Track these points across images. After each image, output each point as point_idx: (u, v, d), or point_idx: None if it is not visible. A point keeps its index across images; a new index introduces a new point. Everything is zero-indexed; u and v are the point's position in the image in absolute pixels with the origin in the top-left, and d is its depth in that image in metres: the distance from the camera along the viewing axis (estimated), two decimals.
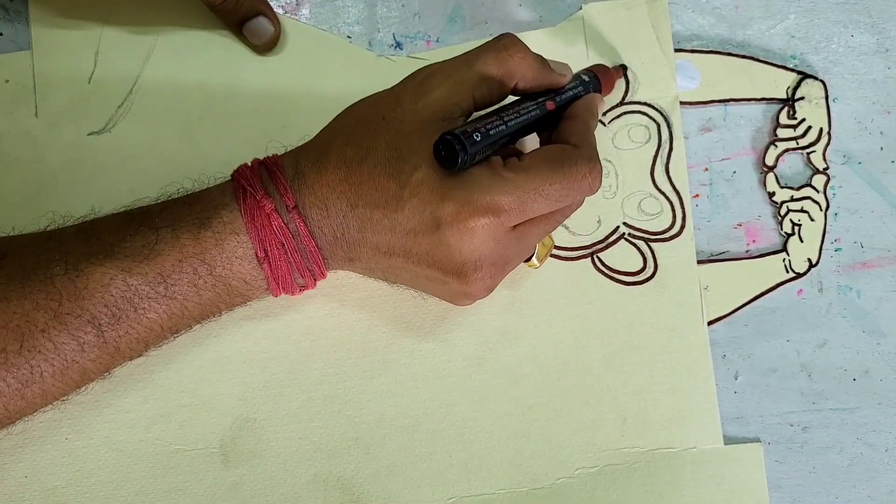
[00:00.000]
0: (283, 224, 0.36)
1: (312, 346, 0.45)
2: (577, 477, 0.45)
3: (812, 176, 0.47)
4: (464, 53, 0.38)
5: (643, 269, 0.46)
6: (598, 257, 0.46)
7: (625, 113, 0.46)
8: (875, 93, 0.47)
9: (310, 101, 0.46)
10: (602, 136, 0.46)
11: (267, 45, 0.45)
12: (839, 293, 0.47)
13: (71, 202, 0.45)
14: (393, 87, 0.39)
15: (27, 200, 0.45)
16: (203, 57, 0.46)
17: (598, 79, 0.43)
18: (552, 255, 0.46)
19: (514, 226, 0.37)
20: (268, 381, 0.44)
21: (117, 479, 0.43)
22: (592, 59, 0.46)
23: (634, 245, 0.46)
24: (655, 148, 0.46)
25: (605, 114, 0.46)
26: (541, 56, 0.39)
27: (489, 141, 0.36)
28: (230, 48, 0.46)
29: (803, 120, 0.47)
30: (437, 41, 0.47)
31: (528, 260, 0.42)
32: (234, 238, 0.37)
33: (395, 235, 0.36)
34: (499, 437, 0.45)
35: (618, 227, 0.46)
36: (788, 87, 0.47)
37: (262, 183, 0.37)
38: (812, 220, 0.47)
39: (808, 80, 0.47)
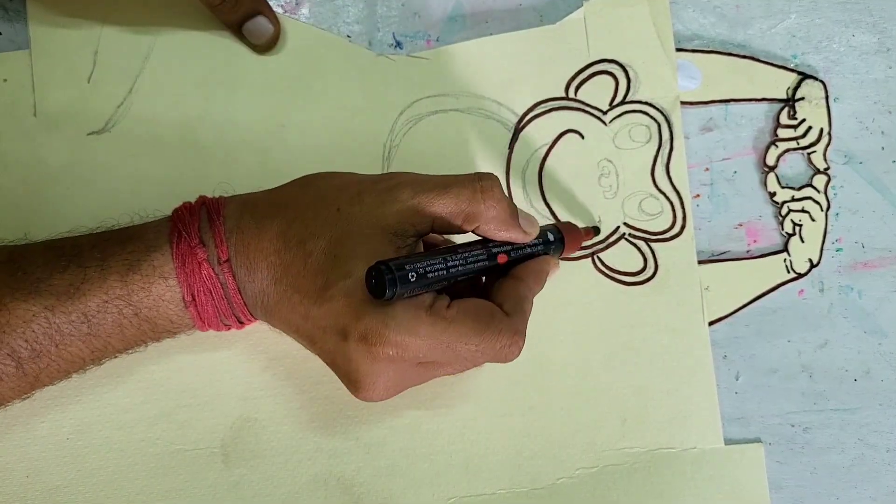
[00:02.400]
0: (213, 274, 0.36)
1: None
2: (578, 477, 0.45)
3: (813, 176, 0.47)
4: (441, 177, 0.37)
5: (644, 270, 0.46)
6: (598, 257, 0.46)
7: (626, 112, 0.46)
8: (876, 92, 0.47)
9: (309, 101, 0.46)
10: (603, 135, 0.46)
11: (266, 45, 0.45)
12: (840, 293, 0.47)
13: (70, 202, 0.45)
14: (363, 178, 0.38)
15: (26, 200, 0.45)
16: (202, 57, 0.46)
17: (563, 239, 0.41)
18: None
19: (421, 361, 0.36)
20: (268, 381, 0.44)
21: (118, 479, 0.43)
22: (593, 58, 0.46)
23: (635, 245, 0.46)
24: (656, 148, 0.46)
25: (605, 113, 0.46)
26: (513, 207, 0.38)
27: (423, 283, 0.34)
28: (230, 48, 0.46)
29: (804, 120, 0.47)
30: (438, 40, 0.47)
31: None
32: (162, 283, 0.36)
33: (307, 323, 0.36)
34: (499, 437, 0.45)
35: (618, 227, 0.46)
36: (788, 88, 0.47)
37: (198, 229, 0.37)
38: (813, 220, 0.47)
39: (808, 81, 0.47)
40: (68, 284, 0.36)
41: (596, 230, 0.45)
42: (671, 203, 0.46)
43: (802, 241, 0.46)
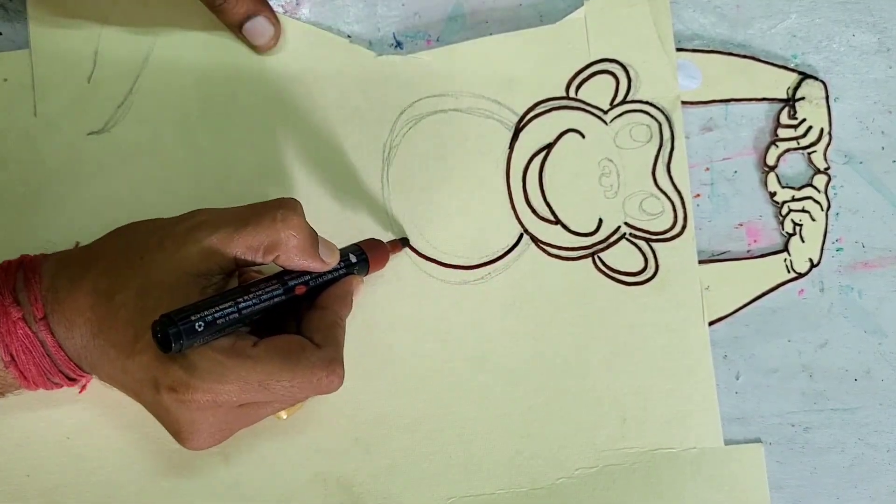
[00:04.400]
0: (30, 333, 0.36)
1: None
2: (577, 477, 0.45)
3: (813, 176, 0.47)
4: (241, 209, 0.37)
5: (644, 270, 0.46)
6: (598, 257, 0.46)
7: (626, 112, 0.46)
8: (876, 92, 0.47)
9: (310, 101, 0.46)
10: (603, 135, 0.46)
11: (267, 45, 0.45)
12: (840, 293, 0.47)
13: (70, 202, 0.45)
14: (165, 222, 0.38)
15: (26, 201, 0.45)
16: (203, 57, 0.46)
17: (366, 257, 0.41)
18: (553, 256, 0.46)
19: (241, 404, 0.36)
20: None
21: (118, 479, 0.43)
22: (594, 57, 0.46)
23: (635, 245, 0.46)
24: (657, 147, 0.46)
25: (606, 112, 0.46)
26: (313, 235, 0.37)
27: (214, 329, 0.34)
28: (230, 48, 0.46)
29: (804, 120, 0.47)
30: (438, 40, 0.47)
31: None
32: None
33: (126, 377, 0.36)
34: (498, 438, 0.45)
35: (619, 227, 0.46)
36: (789, 88, 0.47)
37: (13, 289, 0.36)
38: (813, 219, 0.47)
39: (809, 81, 0.47)
40: None
41: (404, 242, 0.45)
42: (672, 203, 0.46)
43: (803, 241, 0.46)
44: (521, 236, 0.46)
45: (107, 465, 0.43)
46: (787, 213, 0.47)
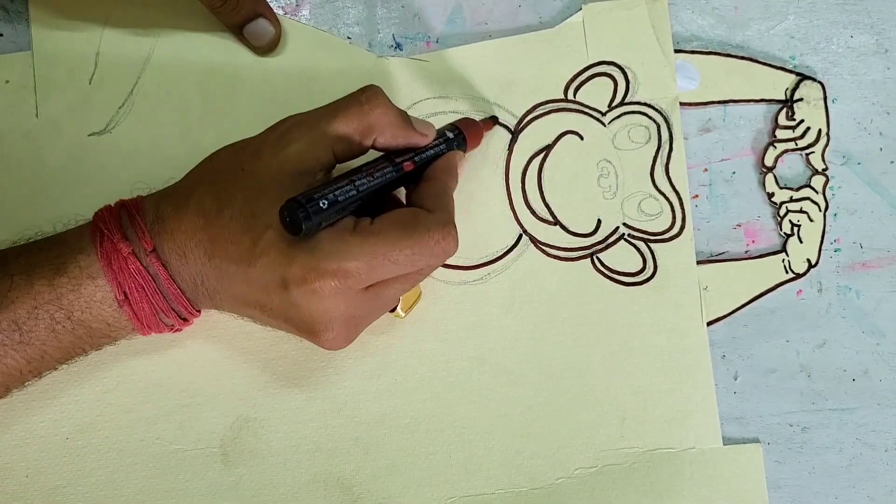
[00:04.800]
0: (141, 268, 0.36)
1: (312, 346, 0.45)
2: (577, 477, 0.45)
3: (811, 177, 0.47)
4: (327, 106, 0.38)
5: (643, 270, 0.46)
6: (597, 258, 0.46)
7: (625, 113, 0.46)
8: (874, 93, 0.47)
9: (310, 103, 0.46)
10: (602, 136, 0.46)
11: (267, 47, 0.45)
12: (838, 293, 0.47)
13: (71, 203, 0.45)
14: (256, 136, 0.38)
15: (27, 201, 0.45)
16: (203, 58, 0.46)
17: (463, 134, 0.42)
18: (552, 256, 0.46)
19: (368, 286, 0.36)
20: (268, 381, 0.44)
21: (118, 479, 0.43)
22: (592, 60, 0.46)
23: (634, 246, 0.46)
24: (655, 148, 0.46)
25: (604, 114, 0.46)
26: (403, 113, 0.38)
27: (338, 207, 0.35)
28: (230, 49, 0.46)
29: (802, 121, 0.47)
30: (437, 42, 0.47)
31: (394, 310, 0.42)
32: (91, 283, 0.36)
33: (250, 289, 0.36)
34: (498, 438, 0.45)
35: (617, 227, 0.46)
36: (787, 89, 0.47)
37: (120, 226, 0.37)
38: (811, 220, 0.47)
39: (807, 82, 0.47)
40: None
41: (494, 119, 0.45)
42: (670, 203, 0.46)
43: (801, 242, 0.47)
44: (520, 237, 0.46)
45: (107, 465, 0.43)
46: (786, 214, 0.47)
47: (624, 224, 0.46)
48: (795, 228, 0.47)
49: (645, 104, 0.46)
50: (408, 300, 0.43)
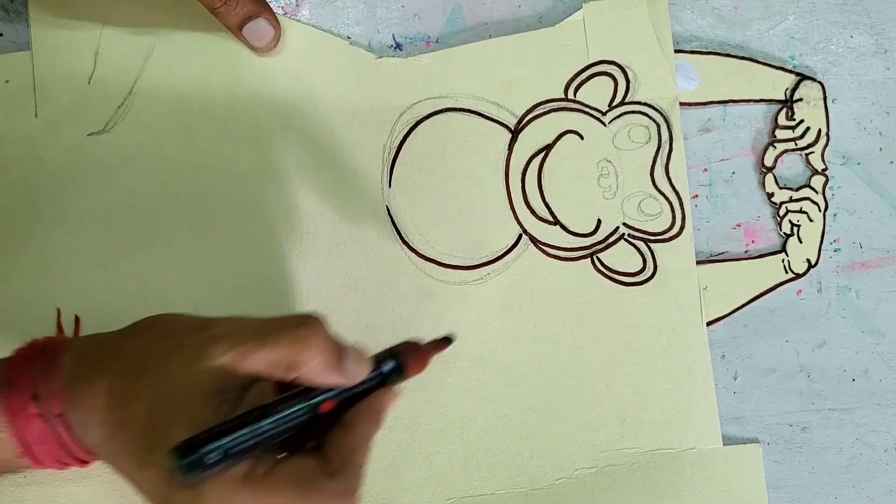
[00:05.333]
0: (45, 427, 0.35)
1: None
2: (577, 477, 0.45)
3: (811, 177, 0.47)
4: (260, 323, 0.35)
5: (643, 270, 0.46)
6: (597, 258, 0.46)
7: (625, 113, 0.46)
8: (874, 94, 0.47)
9: (310, 103, 0.46)
10: (602, 135, 0.46)
11: (267, 47, 0.45)
12: (838, 293, 0.47)
13: (71, 203, 0.45)
14: (183, 328, 0.36)
15: (27, 201, 0.45)
16: (203, 58, 0.46)
17: (401, 366, 0.37)
18: (552, 256, 0.46)
19: None
20: None
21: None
22: (593, 59, 0.46)
23: (634, 246, 0.46)
24: (655, 148, 0.46)
25: (604, 114, 0.46)
26: (339, 350, 0.35)
27: (232, 456, 0.32)
28: (230, 49, 0.46)
29: (802, 121, 0.47)
30: (437, 42, 0.47)
31: None
32: None
33: (137, 483, 0.35)
34: (498, 438, 0.45)
35: (617, 227, 0.46)
36: (787, 89, 0.47)
37: (32, 381, 0.36)
38: (811, 220, 0.47)
39: (807, 82, 0.47)
40: None
41: (447, 341, 0.40)
42: (670, 203, 0.46)
43: (800, 242, 0.47)
44: (520, 237, 0.46)
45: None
46: (785, 214, 0.47)
47: (624, 224, 0.46)
48: (795, 228, 0.47)
49: (645, 104, 0.46)
50: None
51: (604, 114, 0.46)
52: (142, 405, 0.34)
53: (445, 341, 0.40)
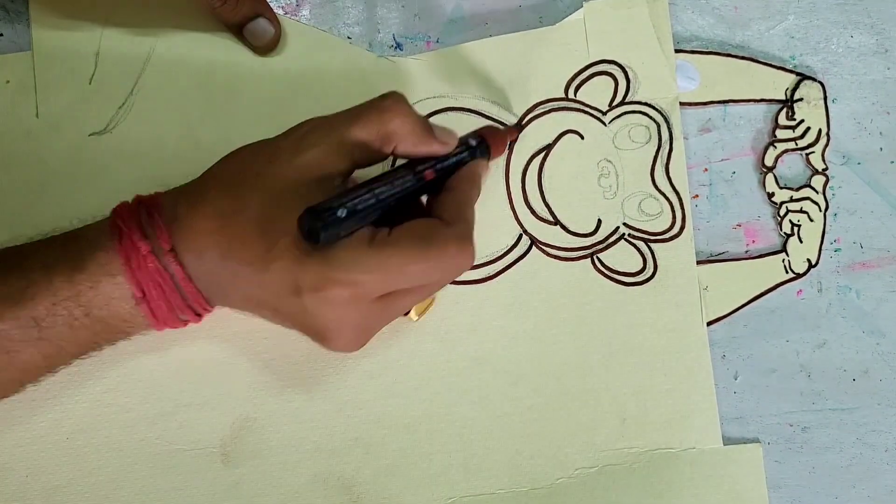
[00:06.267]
0: (159, 267, 0.36)
1: (312, 346, 0.45)
2: (577, 477, 0.45)
3: (811, 176, 0.47)
4: (346, 111, 0.38)
5: (643, 270, 0.46)
6: (597, 258, 0.46)
7: (625, 113, 0.46)
8: (874, 93, 0.47)
9: (310, 103, 0.46)
10: (602, 136, 0.46)
11: (267, 47, 0.45)
12: (838, 293, 0.47)
13: (72, 203, 0.45)
14: (274, 138, 0.38)
15: (28, 201, 0.45)
16: (203, 58, 0.46)
17: (486, 143, 0.40)
18: (552, 256, 0.46)
19: (381, 296, 0.36)
20: (268, 381, 0.44)
21: (118, 479, 0.43)
22: (593, 59, 0.46)
23: (634, 245, 0.46)
24: (655, 148, 0.46)
25: (605, 113, 0.46)
26: (425, 121, 0.38)
27: (356, 218, 0.34)
28: (230, 49, 0.46)
29: (802, 121, 0.47)
30: (438, 42, 0.47)
31: (407, 313, 0.42)
32: (109, 280, 0.36)
33: (263, 292, 0.36)
34: (498, 438, 0.45)
35: (618, 227, 0.46)
36: (787, 89, 0.47)
37: (139, 223, 0.36)
38: (811, 220, 0.47)
39: (807, 82, 0.47)
40: (14, 290, 0.35)
41: (518, 127, 0.45)
42: (670, 203, 0.46)
43: (801, 242, 0.47)
44: (520, 237, 0.46)
45: (107, 465, 0.43)
46: (786, 214, 0.47)
47: (624, 224, 0.46)
48: (795, 228, 0.47)
49: (645, 104, 0.46)
50: (421, 305, 0.43)
51: (604, 113, 0.46)
52: (253, 211, 0.35)
53: (518, 127, 0.45)
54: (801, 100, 0.47)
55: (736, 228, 0.47)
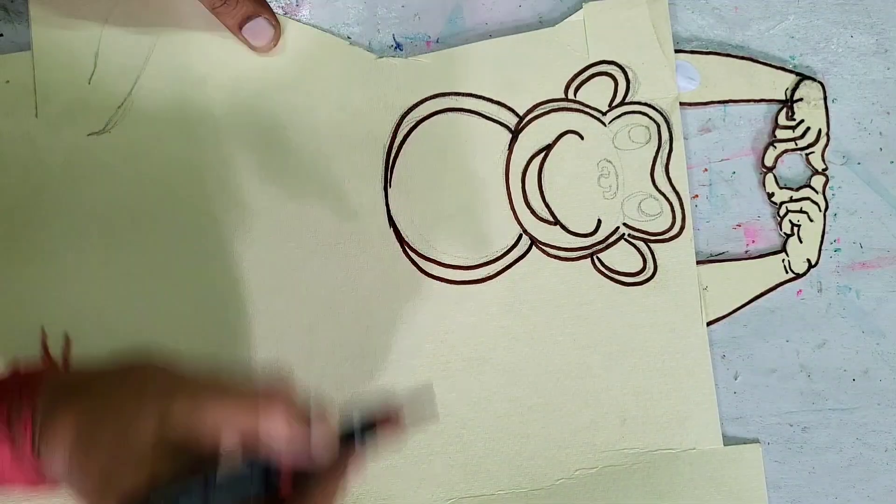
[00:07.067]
0: (15, 454, 0.35)
1: (312, 346, 0.45)
2: (577, 478, 0.45)
3: (811, 177, 0.47)
4: (231, 383, 0.34)
5: (643, 270, 0.46)
6: (598, 258, 0.46)
7: (625, 113, 0.46)
8: (874, 93, 0.47)
9: (310, 102, 0.46)
10: (602, 136, 0.46)
11: (267, 47, 0.45)
12: (838, 293, 0.47)
13: (70, 203, 0.45)
14: (152, 385, 0.35)
15: (27, 201, 0.45)
16: (203, 58, 0.46)
17: (374, 430, 0.33)
18: (552, 256, 0.46)
19: None
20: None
21: None
22: (593, 59, 0.46)
23: (634, 246, 0.46)
24: (655, 148, 0.46)
25: (605, 114, 0.46)
26: (305, 426, 0.33)
27: None
28: (230, 49, 0.46)
29: (802, 121, 0.47)
30: (437, 42, 0.47)
31: None
32: None
33: None
34: (498, 438, 0.45)
35: (618, 227, 0.46)
36: (787, 89, 0.47)
37: (7, 418, 0.35)
38: (811, 220, 0.47)
39: (807, 82, 0.47)
40: None
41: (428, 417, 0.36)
42: (670, 203, 0.46)
43: (801, 242, 0.47)
44: (520, 237, 0.46)
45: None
46: (785, 214, 0.47)
47: (624, 224, 0.46)
48: (795, 228, 0.47)
49: (645, 104, 0.46)
50: None
51: (604, 114, 0.46)
52: (101, 452, 0.34)
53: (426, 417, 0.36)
54: (801, 100, 0.47)
55: (736, 228, 0.47)
